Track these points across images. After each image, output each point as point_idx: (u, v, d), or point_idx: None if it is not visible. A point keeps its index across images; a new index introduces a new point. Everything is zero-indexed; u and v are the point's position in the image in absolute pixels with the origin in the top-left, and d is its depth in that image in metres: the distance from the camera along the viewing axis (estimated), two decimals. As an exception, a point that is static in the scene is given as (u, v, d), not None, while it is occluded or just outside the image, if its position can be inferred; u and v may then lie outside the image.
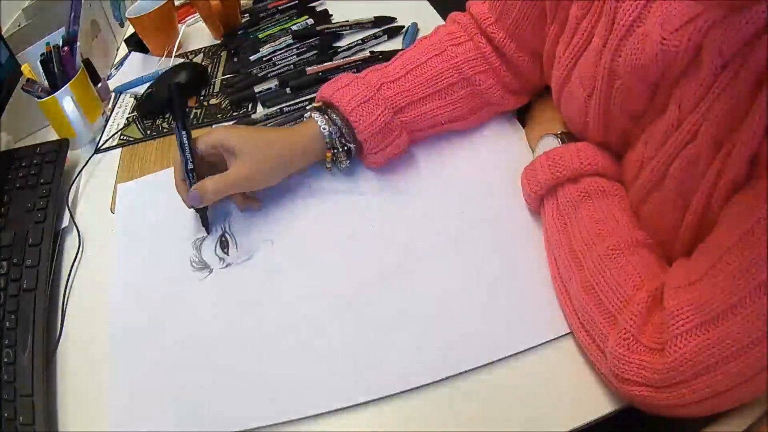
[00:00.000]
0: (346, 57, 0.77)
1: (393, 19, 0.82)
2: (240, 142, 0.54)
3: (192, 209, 0.57)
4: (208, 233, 0.58)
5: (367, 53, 0.76)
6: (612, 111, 0.45)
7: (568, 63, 0.48)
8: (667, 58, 0.37)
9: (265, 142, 0.55)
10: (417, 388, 0.44)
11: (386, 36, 0.79)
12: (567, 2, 0.47)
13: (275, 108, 0.70)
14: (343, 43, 0.81)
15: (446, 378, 0.44)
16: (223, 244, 0.57)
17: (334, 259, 0.53)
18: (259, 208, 0.59)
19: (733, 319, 0.32)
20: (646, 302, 0.38)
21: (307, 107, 0.60)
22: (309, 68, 0.74)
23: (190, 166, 0.55)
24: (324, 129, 0.55)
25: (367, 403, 0.44)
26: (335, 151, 0.57)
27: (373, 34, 0.79)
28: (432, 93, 0.57)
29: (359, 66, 0.74)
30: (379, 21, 0.82)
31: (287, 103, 0.70)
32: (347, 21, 0.83)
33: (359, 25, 0.82)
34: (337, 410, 0.44)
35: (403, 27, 0.80)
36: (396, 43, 0.79)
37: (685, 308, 0.35)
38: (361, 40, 0.79)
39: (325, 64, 0.75)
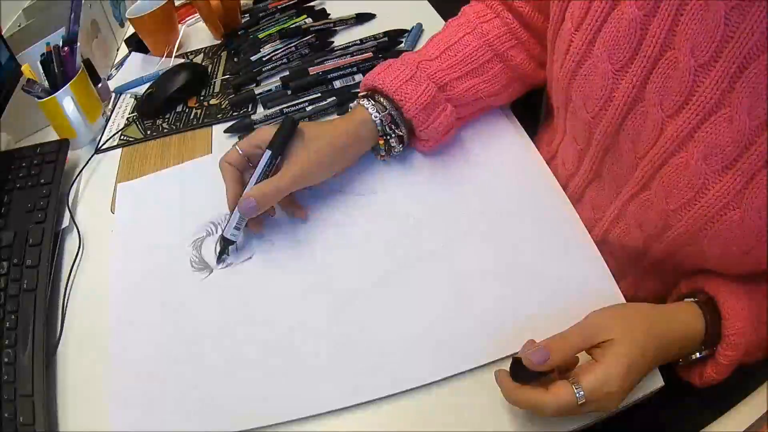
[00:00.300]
0: (345, 55, 0.77)
1: (372, 15, 0.85)
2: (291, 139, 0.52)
3: (220, 239, 0.54)
4: (218, 263, 0.55)
5: (369, 54, 0.76)
6: (652, 81, 0.41)
7: (586, 36, 0.44)
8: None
9: (314, 134, 0.53)
10: (417, 388, 0.44)
11: (386, 38, 0.79)
12: None
13: (275, 109, 0.70)
14: (338, 42, 0.82)
15: (446, 378, 0.44)
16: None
17: (334, 259, 0.53)
18: (305, 217, 0.56)
19: None
20: None
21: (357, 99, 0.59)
22: (311, 67, 0.74)
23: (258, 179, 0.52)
24: (374, 114, 0.55)
25: (367, 403, 0.44)
26: (387, 137, 0.56)
27: (374, 35, 0.79)
28: (470, 71, 0.57)
29: (361, 66, 0.74)
30: (361, 17, 0.85)
31: (288, 104, 0.70)
32: (331, 19, 0.85)
33: (342, 22, 0.84)
34: (337, 410, 0.44)
35: (405, 31, 0.80)
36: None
37: None
38: (360, 40, 0.79)
39: (326, 64, 0.75)
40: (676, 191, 0.42)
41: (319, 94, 0.70)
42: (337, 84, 0.73)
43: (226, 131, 0.70)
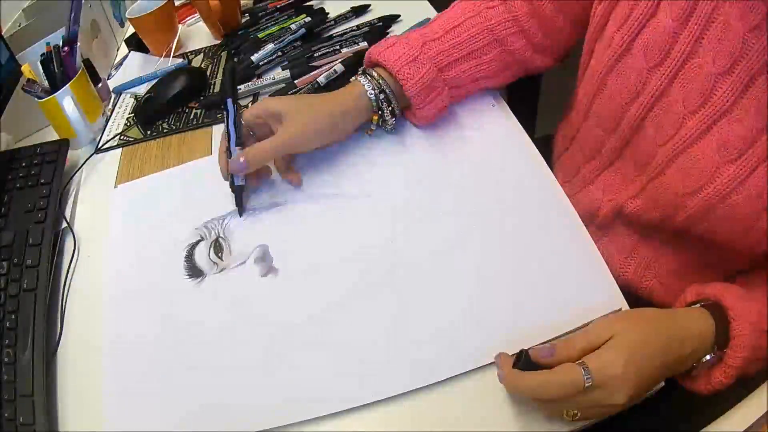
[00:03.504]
0: (341, 42, 0.79)
1: (367, 6, 0.87)
2: (287, 105, 0.56)
3: (230, 189, 0.58)
4: (241, 215, 0.58)
5: (365, 44, 0.77)
6: (678, 80, 0.47)
7: (626, 38, 0.50)
8: None
9: (311, 103, 0.57)
10: (416, 389, 0.44)
11: (382, 23, 0.81)
12: None
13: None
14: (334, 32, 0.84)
15: (446, 378, 0.44)
16: (217, 249, 0.57)
17: (328, 262, 0.53)
18: (299, 182, 0.60)
19: None
20: None
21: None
22: (313, 63, 0.75)
23: (237, 138, 0.57)
24: (369, 90, 0.59)
25: (365, 406, 0.44)
26: (381, 112, 0.60)
27: (368, 21, 0.82)
28: (468, 53, 0.60)
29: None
30: (357, 10, 0.87)
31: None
32: (330, 17, 0.87)
33: (342, 17, 0.86)
34: (336, 413, 0.44)
35: (398, 15, 0.83)
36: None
37: None
38: (356, 26, 0.82)
39: (328, 58, 0.76)
40: (691, 177, 0.47)
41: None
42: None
43: (198, 107, 0.77)
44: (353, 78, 0.62)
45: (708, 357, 0.43)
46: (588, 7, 0.56)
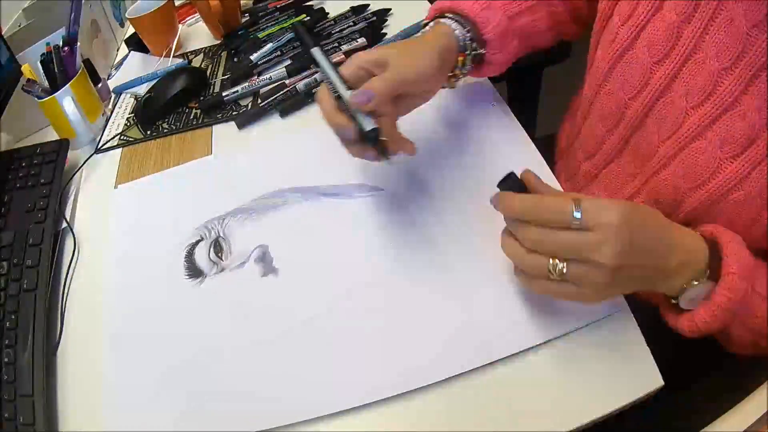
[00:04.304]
0: (340, 39, 0.80)
1: (366, 6, 0.86)
2: (387, 50, 0.52)
3: (357, 144, 0.49)
4: (388, 159, 0.49)
5: (363, 40, 0.79)
6: (681, 75, 0.47)
7: (631, 32, 0.50)
8: None
9: (407, 44, 0.56)
10: (417, 389, 0.44)
11: (375, 17, 0.83)
12: None
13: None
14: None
15: (446, 378, 0.44)
16: (217, 249, 0.57)
17: (328, 262, 0.53)
18: (413, 150, 0.52)
19: None
20: None
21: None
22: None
23: (344, 85, 0.49)
24: (457, 30, 0.57)
25: (365, 405, 0.44)
26: (467, 52, 0.58)
27: (363, 16, 0.84)
28: (526, 8, 0.61)
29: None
30: (356, 10, 0.86)
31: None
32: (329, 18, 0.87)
33: (342, 17, 0.85)
34: (336, 412, 0.44)
35: (389, 9, 0.84)
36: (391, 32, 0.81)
37: None
38: (353, 22, 0.83)
39: (332, 56, 0.76)
40: (692, 173, 0.47)
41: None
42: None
43: (198, 107, 0.76)
44: (431, 23, 0.60)
45: (696, 282, 0.42)
46: None
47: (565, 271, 0.39)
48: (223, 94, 0.75)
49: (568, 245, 0.39)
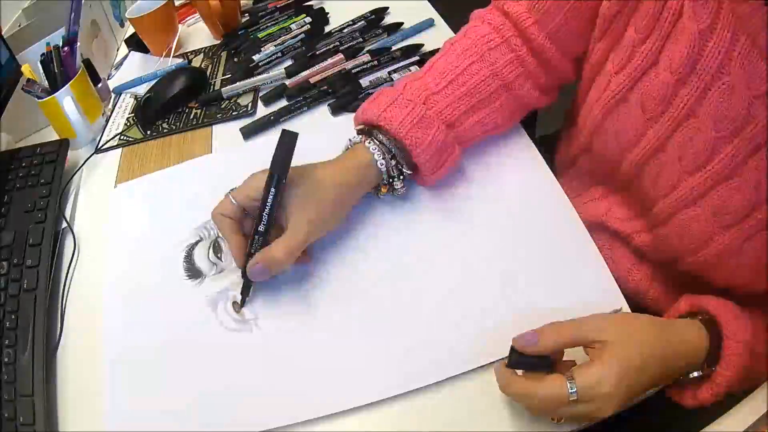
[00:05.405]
0: (341, 39, 0.80)
1: (385, 9, 0.85)
2: (289, 186, 0.47)
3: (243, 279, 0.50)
4: (242, 306, 0.51)
5: (366, 56, 0.76)
6: (675, 138, 0.46)
7: (624, 84, 0.47)
8: None
9: (317, 179, 0.49)
10: (417, 389, 0.44)
11: (386, 33, 0.80)
12: (622, 21, 0.47)
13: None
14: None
15: (447, 378, 0.44)
16: (217, 249, 0.56)
17: (328, 262, 0.53)
18: (309, 261, 0.52)
19: None
20: None
21: (352, 138, 0.55)
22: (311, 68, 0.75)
23: (267, 226, 0.47)
24: (379, 160, 0.51)
25: (364, 405, 0.44)
26: (392, 181, 0.53)
27: (362, 15, 0.83)
28: (477, 102, 0.54)
29: (363, 67, 0.74)
30: (374, 12, 0.85)
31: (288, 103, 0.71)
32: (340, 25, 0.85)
33: (352, 22, 0.84)
34: (335, 413, 0.44)
35: (401, 23, 0.81)
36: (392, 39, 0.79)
37: None
38: (352, 20, 0.82)
39: (329, 60, 0.76)
40: (687, 238, 0.47)
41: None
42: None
43: (198, 105, 0.76)
44: (353, 139, 0.54)
45: (695, 374, 0.42)
46: (588, 44, 0.53)
47: (564, 420, 0.40)
48: (222, 90, 0.75)
49: (571, 414, 0.39)
